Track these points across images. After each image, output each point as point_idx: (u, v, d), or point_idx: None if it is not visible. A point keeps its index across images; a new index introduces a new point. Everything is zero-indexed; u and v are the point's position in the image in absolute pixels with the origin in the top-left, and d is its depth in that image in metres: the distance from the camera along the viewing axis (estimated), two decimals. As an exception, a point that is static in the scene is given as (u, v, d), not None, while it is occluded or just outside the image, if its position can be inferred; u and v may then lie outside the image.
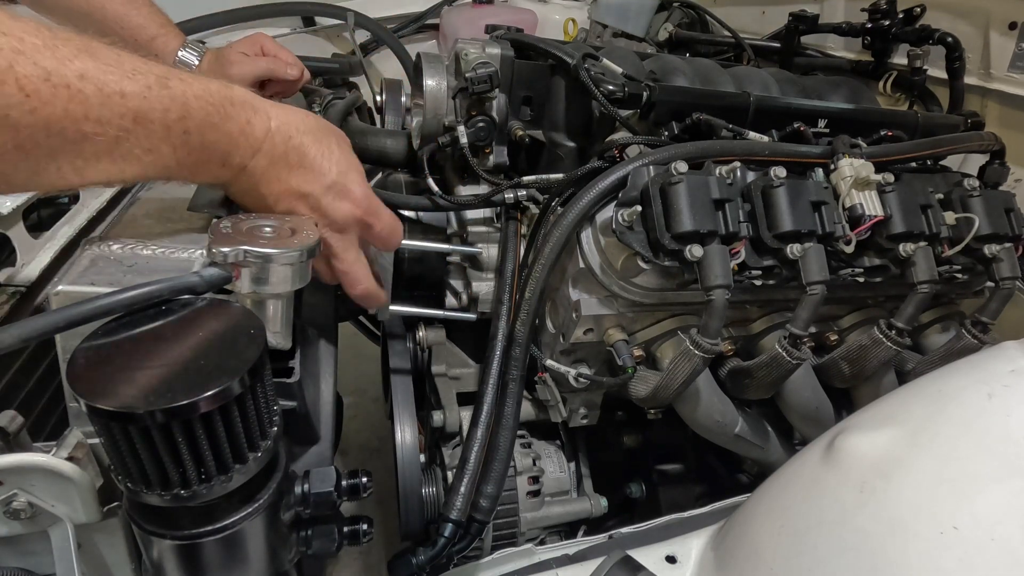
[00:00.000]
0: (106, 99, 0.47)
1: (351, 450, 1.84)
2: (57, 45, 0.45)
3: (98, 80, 0.46)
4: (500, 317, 0.88)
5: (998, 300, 0.87)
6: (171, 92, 0.51)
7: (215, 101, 0.55)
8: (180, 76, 0.52)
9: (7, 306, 0.84)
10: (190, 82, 0.53)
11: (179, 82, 0.52)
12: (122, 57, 0.49)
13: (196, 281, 0.55)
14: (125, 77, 0.48)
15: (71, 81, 0.45)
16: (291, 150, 0.61)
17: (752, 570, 0.55)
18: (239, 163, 0.59)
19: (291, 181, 0.62)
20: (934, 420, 0.51)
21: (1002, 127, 1.14)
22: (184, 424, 0.47)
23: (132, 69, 0.49)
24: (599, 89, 0.86)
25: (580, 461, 1.10)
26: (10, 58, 0.42)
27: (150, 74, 0.50)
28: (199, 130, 0.53)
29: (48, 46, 0.44)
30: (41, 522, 0.55)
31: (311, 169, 0.63)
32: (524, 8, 1.99)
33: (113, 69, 0.48)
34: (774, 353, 0.80)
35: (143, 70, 0.50)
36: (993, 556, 0.42)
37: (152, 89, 0.50)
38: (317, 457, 0.72)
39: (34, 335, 0.47)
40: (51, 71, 0.44)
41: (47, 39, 0.45)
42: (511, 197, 0.93)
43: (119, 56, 0.49)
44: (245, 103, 0.58)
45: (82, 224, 1.00)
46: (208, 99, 0.54)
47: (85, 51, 0.47)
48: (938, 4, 1.19)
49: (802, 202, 0.78)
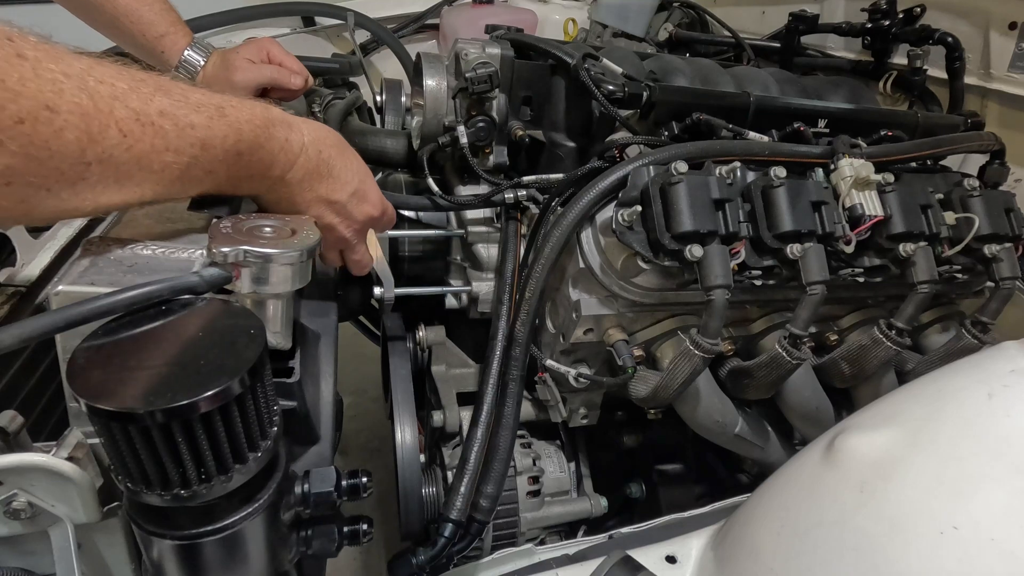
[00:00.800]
0: (181, 132, 0.52)
1: (351, 450, 1.84)
2: (139, 86, 0.50)
3: (174, 115, 0.52)
4: (500, 317, 0.88)
5: (998, 300, 0.87)
6: (228, 120, 0.57)
7: (260, 123, 0.60)
8: (232, 103, 0.58)
9: (7, 306, 0.84)
10: (240, 108, 0.59)
11: (232, 109, 0.58)
12: (187, 91, 0.54)
13: (196, 281, 0.55)
14: (192, 111, 0.54)
15: (154, 119, 0.50)
16: (321, 163, 0.68)
17: (752, 570, 0.55)
18: (278, 175, 0.65)
19: (321, 190, 0.69)
20: (934, 420, 0.51)
21: (1002, 127, 1.14)
22: (184, 424, 0.47)
23: (197, 103, 0.54)
24: (599, 89, 0.87)
25: (580, 461, 1.10)
26: (110, 104, 0.47)
27: (211, 106, 0.56)
28: (249, 151, 0.60)
29: (133, 88, 0.49)
30: (41, 522, 0.55)
31: (338, 179, 0.70)
32: (524, 8, 1.99)
33: (183, 104, 0.53)
34: (774, 353, 0.80)
35: (205, 103, 0.55)
36: (993, 556, 0.42)
37: (214, 119, 0.55)
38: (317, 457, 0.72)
39: (34, 335, 0.47)
40: (139, 111, 0.49)
41: (130, 81, 0.50)
42: (511, 197, 0.93)
43: (184, 91, 0.54)
44: (283, 122, 0.64)
45: (82, 224, 1.00)
46: (255, 122, 0.60)
47: (160, 89, 0.52)
48: (938, 4, 1.19)
49: (802, 202, 0.78)
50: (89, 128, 0.46)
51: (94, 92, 0.47)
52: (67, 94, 0.45)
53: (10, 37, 0.43)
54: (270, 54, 1.14)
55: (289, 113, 0.66)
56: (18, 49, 0.43)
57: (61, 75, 0.45)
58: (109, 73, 0.49)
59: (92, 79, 0.47)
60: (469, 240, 1.00)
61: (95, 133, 0.47)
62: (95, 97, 0.47)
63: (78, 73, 0.46)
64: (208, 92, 0.57)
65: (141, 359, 0.49)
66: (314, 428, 0.72)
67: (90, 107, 0.46)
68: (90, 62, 0.48)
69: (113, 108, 0.48)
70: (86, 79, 0.47)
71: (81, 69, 0.46)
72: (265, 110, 0.62)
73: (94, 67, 0.48)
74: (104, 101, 0.47)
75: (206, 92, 0.57)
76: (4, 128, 0.42)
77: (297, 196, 0.68)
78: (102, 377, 0.47)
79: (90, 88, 0.47)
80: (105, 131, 0.47)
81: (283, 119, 0.64)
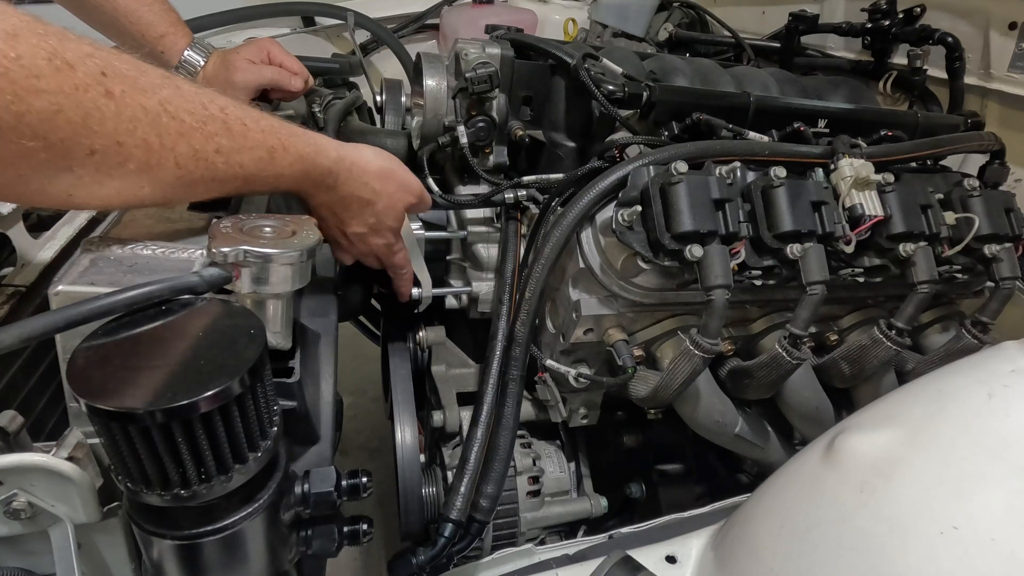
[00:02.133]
0: (229, 168, 0.59)
1: (351, 450, 1.84)
2: (205, 125, 0.55)
3: (227, 154, 0.58)
4: (500, 317, 0.88)
5: (998, 300, 0.87)
6: (275, 164, 0.63)
7: (302, 168, 0.67)
8: (284, 143, 0.64)
9: (7, 306, 0.84)
10: (289, 151, 0.65)
11: (282, 153, 0.64)
12: (248, 131, 0.60)
13: (196, 281, 0.55)
14: (247, 151, 0.60)
15: (210, 156, 0.56)
16: (351, 198, 0.75)
17: (752, 570, 0.55)
18: (310, 204, 0.75)
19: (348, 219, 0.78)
20: (934, 420, 0.51)
21: (1002, 127, 1.14)
22: (184, 424, 0.47)
23: (253, 144, 0.61)
24: (599, 89, 0.87)
25: (580, 461, 1.10)
26: (175, 141, 0.53)
27: (264, 147, 0.62)
28: (287, 187, 0.68)
29: (199, 127, 0.55)
30: (41, 522, 0.55)
31: (372, 209, 0.77)
32: (524, 8, 1.99)
33: (240, 144, 0.59)
34: (774, 353, 0.80)
35: (260, 143, 0.61)
36: (993, 556, 0.42)
37: (263, 161, 0.62)
38: (317, 457, 0.72)
39: (34, 335, 0.47)
40: (199, 150, 0.55)
41: (199, 119, 0.55)
42: (511, 197, 0.93)
43: (245, 130, 0.60)
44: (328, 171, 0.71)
45: (82, 224, 1.00)
46: (299, 165, 0.66)
47: (224, 129, 0.57)
48: (938, 4, 1.19)
49: (802, 202, 0.78)
50: (149, 160, 0.51)
51: (164, 130, 0.52)
52: (139, 132, 0.50)
53: (103, 71, 0.48)
54: (270, 55, 1.14)
55: (336, 147, 0.72)
56: (108, 87, 0.48)
57: (140, 111, 0.50)
58: (184, 107, 0.54)
59: (167, 115, 0.52)
60: (469, 240, 1.00)
61: (153, 164, 0.52)
62: (163, 134, 0.52)
63: (155, 108, 0.51)
64: (268, 130, 0.62)
65: (141, 359, 0.49)
66: (314, 428, 0.72)
67: (156, 144, 0.51)
68: (170, 92, 0.53)
69: (176, 145, 0.53)
70: (160, 116, 0.51)
71: (159, 103, 0.51)
72: (315, 149, 0.68)
73: (172, 100, 0.53)
74: (170, 138, 0.52)
75: (266, 130, 0.62)
76: (77, 159, 0.47)
77: (329, 219, 0.77)
78: (102, 377, 0.47)
79: (162, 126, 0.52)
80: (163, 163, 0.53)
81: (329, 169, 0.70)
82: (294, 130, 0.66)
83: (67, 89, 0.45)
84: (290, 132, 0.65)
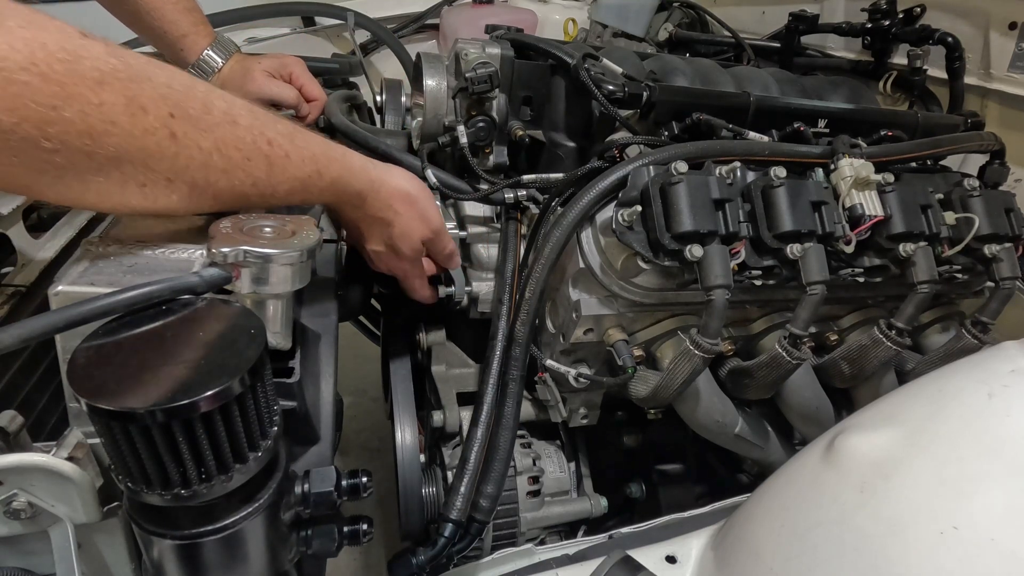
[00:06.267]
0: (260, 197, 0.63)
1: (351, 450, 1.84)
2: (248, 161, 0.59)
3: (263, 186, 0.61)
4: (500, 317, 0.88)
5: (998, 300, 0.87)
6: (320, 186, 0.67)
7: (342, 186, 0.71)
8: (329, 157, 0.68)
9: (7, 306, 0.84)
10: (327, 173, 0.68)
11: (323, 176, 0.67)
12: (289, 163, 0.63)
13: (196, 281, 0.55)
14: (282, 181, 0.63)
15: (246, 189, 0.60)
16: (378, 220, 0.78)
17: (752, 570, 0.55)
18: (343, 218, 0.81)
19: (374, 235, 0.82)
20: (934, 420, 0.51)
21: (1002, 127, 1.14)
22: (184, 424, 0.47)
23: (301, 159, 0.64)
24: (599, 89, 0.86)
25: (580, 461, 1.10)
26: (217, 176, 0.57)
27: (299, 177, 0.65)
28: (322, 202, 0.74)
29: (240, 163, 0.58)
30: (41, 522, 0.55)
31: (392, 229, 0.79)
32: (524, 8, 1.99)
33: (276, 179, 0.62)
34: (774, 353, 0.80)
35: (295, 175, 0.64)
36: (993, 556, 0.42)
37: (310, 181, 0.66)
38: (317, 457, 0.72)
39: (34, 335, 0.47)
40: (236, 185, 0.59)
41: (245, 154, 0.58)
42: (511, 197, 0.93)
43: (286, 163, 0.63)
44: (357, 193, 0.74)
45: (82, 224, 1.00)
46: (337, 185, 0.70)
47: (266, 165, 0.61)
48: (938, 4, 1.19)
49: (802, 202, 0.78)
50: (190, 195, 0.57)
51: (211, 169, 0.56)
52: (188, 173, 0.55)
53: (172, 113, 0.52)
54: (292, 74, 1.15)
55: (371, 168, 0.74)
56: (172, 129, 0.52)
57: (196, 150, 0.54)
58: (234, 143, 0.57)
59: (217, 153, 0.56)
60: (469, 240, 1.00)
61: (193, 199, 0.57)
62: (209, 173, 0.56)
63: (208, 148, 0.55)
64: (308, 159, 0.65)
65: (141, 359, 0.49)
66: (314, 428, 0.72)
67: (201, 183, 0.56)
68: (226, 131, 0.56)
69: (218, 181, 0.57)
70: (212, 155, 0.55)
71: (214, 142, 0.55)
72: (350, 173, 0.71)
73: (226, 138, 0.56)
74: (214, 175, 0.56)
75: (306, 159, 0.64)
76: (130, 190, 0.53)
77: (353, 233, 0.83)
78: (102, 377, 0.47)
79: (210, 166, 0.56)
80: (201, 198, 0.58)
81: (359, 191, 0.73)
82: (332, 153, 0.68)
83: (137, 132, 0.50)
84: (328, 157, 0.68)
